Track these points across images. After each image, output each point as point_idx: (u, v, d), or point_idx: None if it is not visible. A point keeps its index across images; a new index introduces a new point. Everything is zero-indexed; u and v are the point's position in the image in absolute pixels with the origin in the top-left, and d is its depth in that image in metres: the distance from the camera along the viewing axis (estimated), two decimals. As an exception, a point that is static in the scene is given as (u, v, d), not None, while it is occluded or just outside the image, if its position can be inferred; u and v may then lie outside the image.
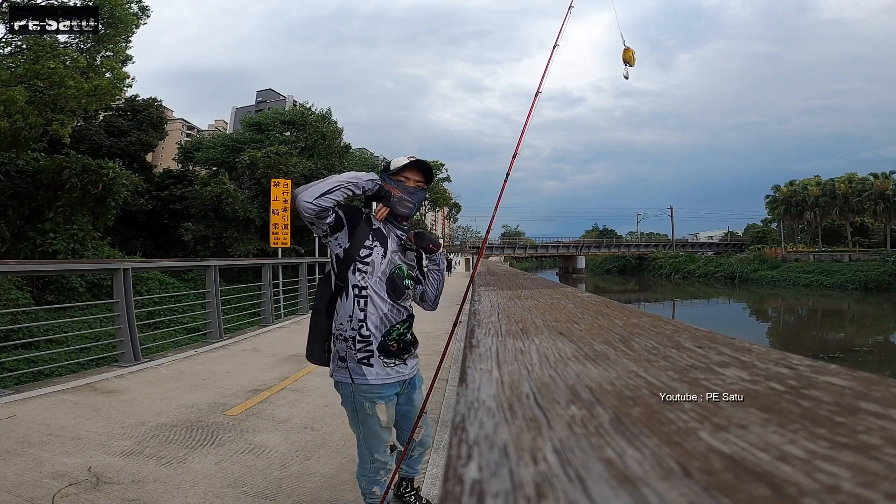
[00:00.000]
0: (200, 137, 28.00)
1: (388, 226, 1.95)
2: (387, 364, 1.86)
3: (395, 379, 1.89)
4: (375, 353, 1.83)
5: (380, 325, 1.84)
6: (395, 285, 1.86)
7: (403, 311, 1.91)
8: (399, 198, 1.87)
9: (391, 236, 1.93)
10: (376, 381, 1.83)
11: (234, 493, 2.51)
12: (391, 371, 1.87)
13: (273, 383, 4.54)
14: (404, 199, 1.87)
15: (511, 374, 0.32)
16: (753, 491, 0.17)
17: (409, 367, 1.95)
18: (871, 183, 39.68)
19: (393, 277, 1.86)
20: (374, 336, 1.83)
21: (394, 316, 1.87)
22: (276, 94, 71.69)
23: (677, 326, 0.46)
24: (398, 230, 1.95)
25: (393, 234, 1.94)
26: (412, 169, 1.90)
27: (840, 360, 14.62)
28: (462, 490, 0.18)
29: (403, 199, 1.87)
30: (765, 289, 38.03)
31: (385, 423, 1.87)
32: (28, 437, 3.15)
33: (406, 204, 1.88)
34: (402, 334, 1.89)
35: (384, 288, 1.84)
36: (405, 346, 1.92)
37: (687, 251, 55.84)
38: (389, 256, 1.88)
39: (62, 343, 7.91)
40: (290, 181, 12.80)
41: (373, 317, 1.84)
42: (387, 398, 1.86)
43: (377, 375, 1.83)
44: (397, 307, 1.88)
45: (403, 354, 1.91)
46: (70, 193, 13.65)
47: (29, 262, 10.00)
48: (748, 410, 0.25)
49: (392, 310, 1.86)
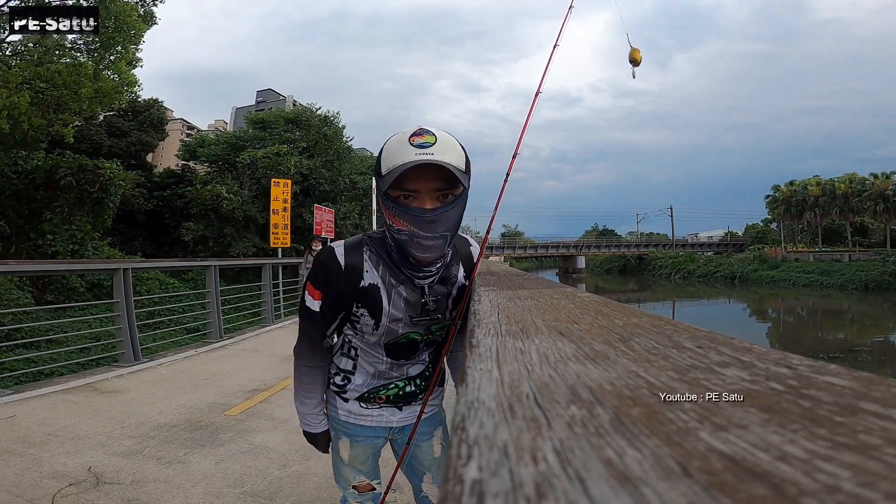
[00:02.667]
0: (202, 137, 28.00)
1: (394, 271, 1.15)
2: (369, 405, 1.33)
3: (375, 424, 1.33)
4: (352, 400, 1.33)
5: (372, 377, 1.30)
6: (400, 348, 1.25)
7: (416, 365, 1.32)
8: (409, 233, 1.03)
9: (399, 290, 1.16)
10: (346, 419, 1.33)
11: (234, 493, 2.51)
12: (372, 413, 1.32)
13: (273, 383, 4.54)
14: (417, 234, 1.02)
15: (511, 374, 0.32)
16: (753, 491, 0.17)
17: (403, 414, 1.34)
18: (871, 183, 39.69)
19: (395, 345, 1.24)
20: (354, 391, 1.31)
21: (397, 371, 1.30)
22: (276, 94, 71.68)
23: (677, 326, 0.46)
24: (414, 275, 1.14)
25: (403, 285, 1.16)
26: (418, 173, 0.98)
27: (840, 360, 14.62)
28: (462, 490, 0.18)
29: (416, 235, 1.03)
30: (765, 289, 38.02)
31: (348, 461, 1.38)
32: (28, 437, 3.15)
33: (423, 242, 1.03)
34: (403, 388, 1.32)
35: (382, 352, 1.25)
36: (404, 398, 1.34)
37: (687, 251, 55.84)
38: (386, 326, 1.18)
39: (62, 343, 7.91)
40: (289, 181, 12.80)
41: (364, 370, 1.30)
42: (353, 437, 1.34)
43: (349, 414, 1.32)
44: (403, 364, 1.30)
45: (400, 403, 1.34)
46: (67, 193, 13.66)
47: (29, 261, 10.00)
48: (748, 410, 0.25)
49: (393, 366, 1.29)
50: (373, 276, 1.15)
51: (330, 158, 21.75)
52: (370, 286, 1.15)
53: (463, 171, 1.02)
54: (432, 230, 1.02)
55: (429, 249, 1.04)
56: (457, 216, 1.05)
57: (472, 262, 1.27)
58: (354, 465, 1.39)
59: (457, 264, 1.23)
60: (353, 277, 1.15)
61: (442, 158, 0.98)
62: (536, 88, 1.36)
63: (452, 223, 1.05)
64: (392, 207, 1.03)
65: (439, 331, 1.27)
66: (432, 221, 1.01)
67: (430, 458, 1.41)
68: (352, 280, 1.15)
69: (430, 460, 1.41)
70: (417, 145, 0.99)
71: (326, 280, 1.17)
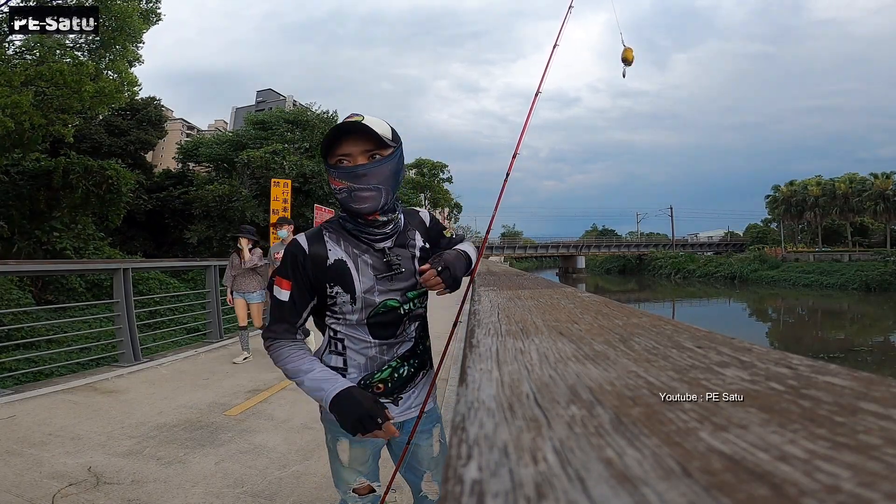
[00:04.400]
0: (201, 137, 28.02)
1: (354, 242, 1.28)
2: None
3: None
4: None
5: (364, 367, 1.31)
6: (383, 326, 1.29)
7: (403, 343, 1.34)
8: (347, 189, 1.20)
9: (364, 258, 1.27)
10: None
11: (234, 493, 2.51)
12: None
13: (273, 383, 4.54)
14: (354, 188, 1.20)
15: (511, 374, 0.32)
16: (753, 491, 0.17)
17: (398, 409, 1.35)
18: (871, 183, 39.74)
19: (377, 320, 1.28)
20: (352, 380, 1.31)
21: (387, 353, 1.32)
22: (276, 94, 71.71)
23: (677, 326, 0.46)
24: (372, 240, 1.28)
25: (366, 253, 1.28)
26: (345, 139, 1.20)
27: (840, 360, 14.63)
28: (462, 490, 0.18)
29: (353, 189, 1.20)
30: (765, 289, 38.04)
31: (347, 463, 1.37)
32: (28, 437, 3.15)
33: (360, 194, 1.20)
34: (397, 369, 1.33)
35: (367, 332, 1.29)
36: (400, 382, 1.34)
37: (687, 251, 55.86)
38: (362, 298, 1.25)
39: (62, 343, 7.91)
40: (289, 181, 12.81)
41: (355, 362, 1.31)
42: (352, 438, 1.30)
43: None
44: (391, 343, 1.32)
45: (396, 393, 1.34)
46: (72, 193, 13.69)
47: (29, 261, 10.01)
48: (748, 410, 0.25)
49: (383, 349, 1.31)
50: (337, 253, 1.27)
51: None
52: (336, 262, 1.26)
53: (389, 138, 1.22)
54: (365, 182, 1.20)
55: (364, 200, 1.21)
56: (387, 171, 1.23)
57: (425, 227, 1.40)
58: (354, 466, 1.38)
59: (413, 230, 1.36)
60: (319, 259, 1.26)
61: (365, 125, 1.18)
62: (536, 88, 1.36)
63: (384, 177, 1.22)
64: (332, 172, 1.23)
65: (416, 298, 1.33)
66: (363, 175, 1.20)
67: (430, 457, 1.42)
68: (319, 262, 1.26)
69: (430, 459, 1.42)
70: (347, 119, 1.21)
71: (295, 267, 1.27)
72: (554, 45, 1.44)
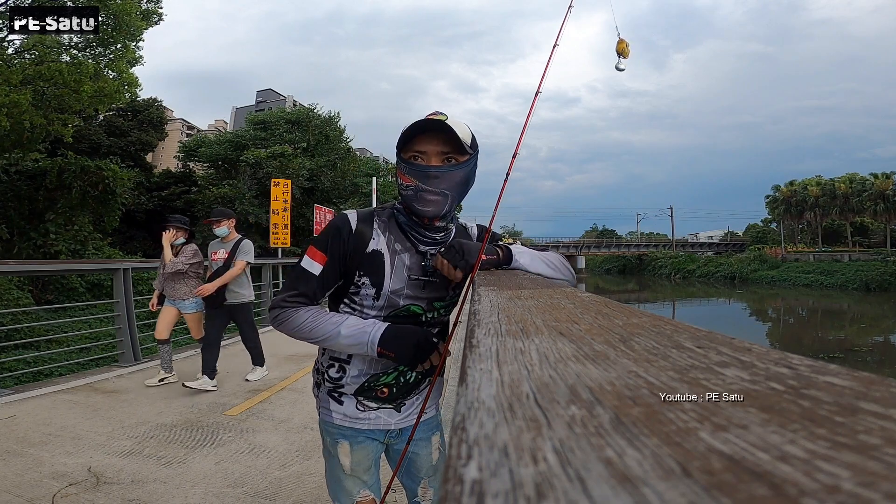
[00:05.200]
0: (202, 137, 28.02)
1: (400, 237, 1.23)
2: (365, 407, 1.28)
3: (373, 427, 1.29)
4: (349, 395, 1.29)
5: (369, 365, 1.26)
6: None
7: None
8: (414, 188, 1.15)
9: (402, 257, 1.22)
10: (342, 422, 1.28)
11: (234, 493, 2.51)
12: (369, 416, 1.28)
13: (273, 383, 4.54)
14: (421, 188, 1.14)
15: (511, 374, 0.32)
16: (753, 491, 0.17)
17: (401, 416, 1.31)
18: (871, 183, 39.75)
19: (395, 321, 1.22)
20: (351, 384, 1.27)
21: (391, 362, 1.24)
22: (276, 94, 71.71)
23: (677, 326, 0.46)
24: (419, 241, 1.22)
25: (406, 252, 1.22)
26: (423, 135, 1.15)
27: (840, 360, 14.62)
28: (462, 490, 0.18)
29: (420, 188, 1.14)
30: (765, 289, 38.03)
31: (350, 470, 1.30)
32: (28, 437, 3.15)
33: (426, 196, 1.14)
34: (403, 373, 1.28)
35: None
36: (405, 388, 1.29)
37: (687, 251, 55.87)
38: (387, 296, 1.20)
39: (62, 343, 7.92)
40: (289, 181, 12.82)
41: (360, 357, 1.25)
42: (353, 439, 1.29)
43: (344, 417, 1.28)
44: None
45: (399, 398, 1.30)
46: (69, 194, 13.68)
47: (29, 262, 10.00)
48: (748, 410, 0.25)
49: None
50: (378, 243, 1.21)
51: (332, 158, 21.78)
52: (374, 252, 1.20)
53: (468, 144, 1.17)
54: (435, 185, 1.14)
55: (430, 203, 1.15)
56: (459, 178, 1.17)
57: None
58: (357, 474, 1.31)
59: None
60: (361, 242, 1.21)
61: (447, 125, 1.12)
62: (536, 88, 1.36)
63: (454, 183, 1.16)
64: (403, 167, 1.17)
65: (443, 308, 1.28)
66: (435, 177, 1.14)
67: (429, 464, 1.39)
68: (360, 245, 1.20)
69: (428, 466, 1.39)
70: (429, 116, 1.16)
71: (337, 241, 1.20)
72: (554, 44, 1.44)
